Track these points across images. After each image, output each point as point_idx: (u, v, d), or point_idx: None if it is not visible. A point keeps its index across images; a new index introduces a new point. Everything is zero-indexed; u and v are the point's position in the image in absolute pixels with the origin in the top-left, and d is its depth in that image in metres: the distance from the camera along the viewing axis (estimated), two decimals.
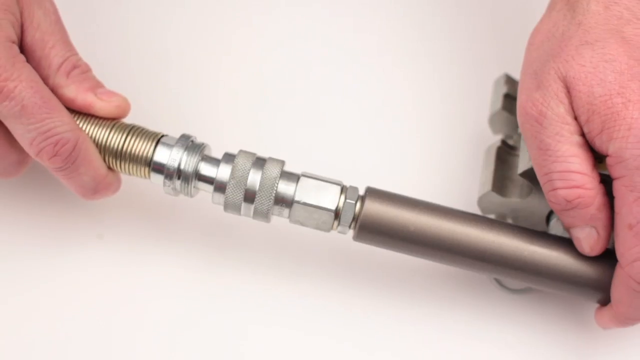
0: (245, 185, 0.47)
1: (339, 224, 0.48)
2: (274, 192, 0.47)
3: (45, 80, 0.46)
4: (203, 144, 0.49)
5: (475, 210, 0.52)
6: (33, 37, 0.46)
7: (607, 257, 0.47)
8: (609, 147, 0.44)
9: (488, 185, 0.51)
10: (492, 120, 0.55)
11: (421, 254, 0.49)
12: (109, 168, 0.49)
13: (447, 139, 0.60)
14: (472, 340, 0.53)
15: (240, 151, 0.49)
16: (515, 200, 0.51)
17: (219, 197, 0.48)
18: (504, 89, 0.55)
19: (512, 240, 0.48)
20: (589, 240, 0.47)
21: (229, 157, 0.48)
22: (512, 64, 0.56)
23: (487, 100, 0.58)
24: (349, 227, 0.48)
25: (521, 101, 0.47)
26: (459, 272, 0.54)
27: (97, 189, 0.48)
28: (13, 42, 0.45)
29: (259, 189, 0.47)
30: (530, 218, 0.51)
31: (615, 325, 0.48)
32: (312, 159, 0.55)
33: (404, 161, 0.59)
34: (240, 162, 0.48)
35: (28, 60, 0.46)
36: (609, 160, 0.44)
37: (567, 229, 0.48)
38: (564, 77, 0.45)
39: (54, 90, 0.47)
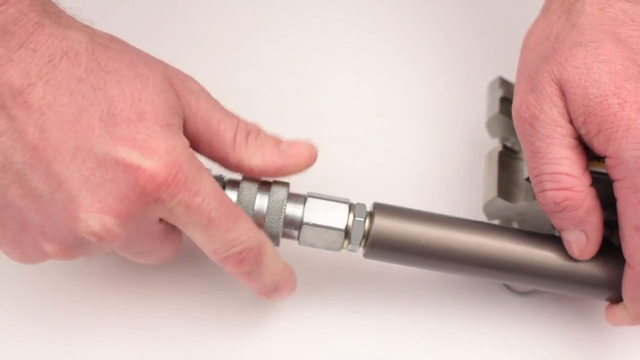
0: (253, 210, 0.47)
1: (349, 243, 0.48)
2: (283, 214, 0.47)
3: (225, 158, 0.45)
4: (221, 175, 0.48)
5: (480, 215, 0.52)
6: (195, 122, 0.44)
7: (617, 255, 0.47)
8: (608, 149, 0.44)
9: (493, 191, 0.51)
10: (490, 124, 0.55)
11: (433, 266, 0.49)
12: None
13: (445, 146, 0.60)
14: (482, 346, 0.53)
15: (244, 176, 0.48)
16: (522, 204, 0.51)
17: None
18: (499, 92, 0.55)
19: (522, 246, 0.48)
20: (578, 244, 0.47)
21: (233, 183, 0.48)
22: (506, 66, 0.56)
23: (482, 103, 0.58)
24: (359, 244, 0.48)
25: (516, 104, 0.47)
26: (464, 278, 0.54)
27: (278, 287, 0.48)
28: (191, 149, 0.43)
29: (267, 213, 0.47)
30: (537, 221, 0.51)
31: (628, 323, 0.48)
32: (312, 176, 0.54)
33: (404, 172, 0.59)
34: (246, 187, 0.48)
35: (199, 145, 0.45)
36: (608, 162, 0.44)
37: (558, 231, 0.48)
38: (558, 79, 0.45)
39: (239, 166, 0.46)
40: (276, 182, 0.48)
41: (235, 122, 0.46)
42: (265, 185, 0.48)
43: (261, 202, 0.47)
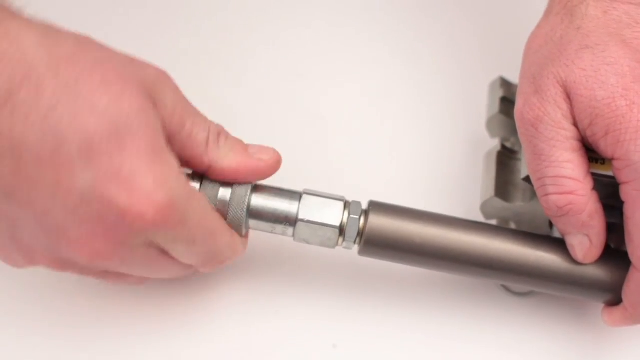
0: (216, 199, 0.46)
1: (344, 240, 0.48)
2: (246, 204, 0.46)
3: (198, 158, 0.44)
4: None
5: (478, 215, 0.52)
6: (171, 123, 0.42)
7: (615, 258, 0.47)
8: (616, 151, 0.43)
9: (491, 191, 0.51)
10: (490, 124, 0.55)
11: (427, 265, 0.48)
12: None
13: (444, 145, 0.60)
14: (479, 345, 0.52)
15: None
16: (519, 205, 0.50)
17: None
18: (500, 92, 0.55)
19: (518, 247, 0.48)
20: (581, 248, 0.46)
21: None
22: (506, 66, 0.56)
23: (483, 103, 0.58)
24: (354, 242, 0.48)
25: (519, 105, 0.47)
26: (462, 278, 0.53)
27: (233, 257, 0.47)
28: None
29: (230, 203, 0.46)
30: (534, 221, 0.51)
31: (628, 324, 0.48)
32: (309, 173, 0.55)
33: (403, 171, 0.59)
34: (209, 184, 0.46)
35: (172, 145, 0.43)
36: (616, 164, 0.44)
37: (561, 235, 0.47)
38: (563, 81, 0.45)
39: (211, 167, 0.44)
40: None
41: (207, 124, 0.44)
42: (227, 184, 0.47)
43: (224, 192, 0.46)
